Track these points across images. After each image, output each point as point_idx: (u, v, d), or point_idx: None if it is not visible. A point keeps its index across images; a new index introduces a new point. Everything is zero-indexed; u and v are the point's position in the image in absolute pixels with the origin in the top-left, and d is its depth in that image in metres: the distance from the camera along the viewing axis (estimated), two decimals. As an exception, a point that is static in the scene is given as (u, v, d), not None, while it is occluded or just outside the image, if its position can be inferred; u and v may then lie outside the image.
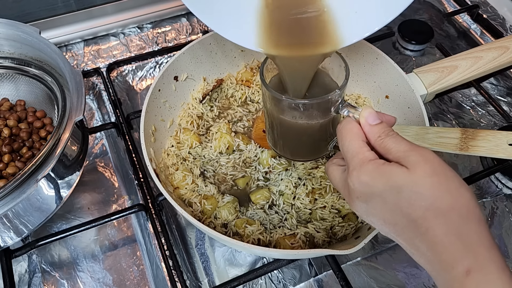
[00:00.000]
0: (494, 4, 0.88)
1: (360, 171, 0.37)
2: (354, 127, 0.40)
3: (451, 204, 0.34)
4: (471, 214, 0.34)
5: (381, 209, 0.37)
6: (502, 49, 0.62)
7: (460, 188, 0.35)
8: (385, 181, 0.36)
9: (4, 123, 0.60)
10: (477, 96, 0.75)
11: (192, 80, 0.66)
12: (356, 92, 0.68)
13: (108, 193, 0.64)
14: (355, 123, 0.41)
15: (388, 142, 0.38)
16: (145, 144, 0.54)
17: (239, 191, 0.59)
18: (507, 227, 0.61)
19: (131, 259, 0.59)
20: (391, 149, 0.38)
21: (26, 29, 0.58)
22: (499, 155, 0.50)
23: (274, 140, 0.54)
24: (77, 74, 0.54)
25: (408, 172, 0.35)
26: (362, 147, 0.39)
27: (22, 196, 0.46)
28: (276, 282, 0.56)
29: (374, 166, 0.37)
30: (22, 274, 0.57)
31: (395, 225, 0.37)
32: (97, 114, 0.73)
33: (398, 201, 0.35)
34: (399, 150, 0.37)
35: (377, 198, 0.37)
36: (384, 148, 0.38)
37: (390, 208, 0.36)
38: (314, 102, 0.46)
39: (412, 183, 0.35)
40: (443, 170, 0.35)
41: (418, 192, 0.34)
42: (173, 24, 0.85)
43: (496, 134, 0.51)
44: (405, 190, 0.35)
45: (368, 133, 0.40)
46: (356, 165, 0.38)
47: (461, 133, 0.53)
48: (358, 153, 0.38)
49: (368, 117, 0.40)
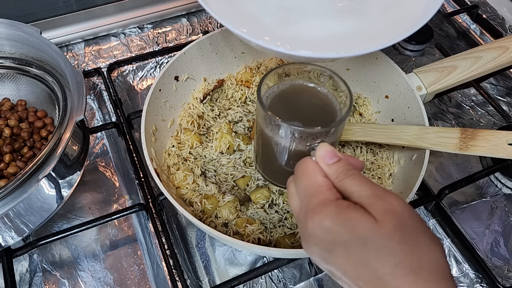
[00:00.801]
0: (494, 4, 0.88)
1: (322, 213, 0.33)
2: (310, 164, 0.37)
3: (422, 262, 0.31)
4: (441, 273, 0.32)
5: (343, 260, 0.33)
6: (502, 49, 0.62)
7: (431, 245, 0.32)
8: (350, 230, 0.32)
9: (5, 123, 0.60)
10: (476, 96, 0.76)
11: (192, 80, 0.66)
12: (356, 92, 0.68)
13: (109, 193, 0.64)
14: (313, 160, 0.37)
15: (348, 184, 0.35)
16: (146, 144, 0.54)
17: (240, 191, 0.59)
18: (507, 226, 0.61)
19: (131, 258, 0.59)
20: (353, 193, 0.34)
21: (27, 29, 0.58)
22: (498, 154, 0.51)
23: (261, 161, 0.51)
24: (78, 74, 0.55)
25: (376, 224, 0.32)
26: (322, 185, 0.35)
27: (23, 196, 0.47)
28: (276, 282, 0.57)
29: (338, 209, 0.33)
30: (23, 273, 0.57)
31: (357, 278, 0.33)
32: (98, 114, 0.73)
33: (365, 255, 0.32)
34: (362, 195, 0.34)
35: (340, 248, 0.33)
36: (345, 191, 0.35)
37: (354, 261, 0.33)
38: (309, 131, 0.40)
39: (380, 236, 0.32)
40: (413, 223, 0.33)
41: (386, 247, 0.31)
42: (173, 24, 0.85)
43: (496, 133, 0.51)
44: (372, 244, 0.32)
45: (326, 173, 0.36)
46: (316, 207, 0.34)
47: (461, 133, 0.53)
48: (318, 193, 0.34)
49: (324, 155, 0.36)
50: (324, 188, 0.35)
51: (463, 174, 0.66)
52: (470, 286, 0.57)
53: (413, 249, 0.32)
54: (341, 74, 0.68)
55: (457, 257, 0.59)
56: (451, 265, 0.58)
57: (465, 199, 0.64)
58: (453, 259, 0.59)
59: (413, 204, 0.60)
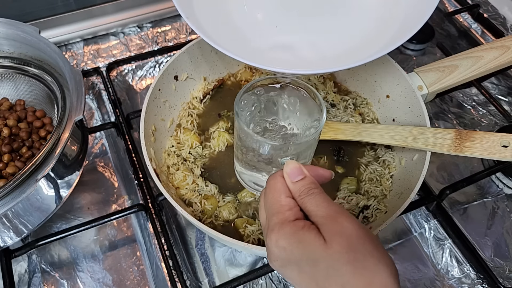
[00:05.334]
0: (495, 3, 0.88)
1: (279, 233, 0.35)
2: (278, 182, 0.38)
3: (368, 283, 0.32)
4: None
5: (297, 277, 0.35)
6: (503, 49, 0.62)
7: (378, 265, 0.33)
8: (301, 250, 0.34)
9: (4, 123, 0.60)
10: (478, 95, 0.75)
11: (192, 79, 0.66)
12: (357, 91, 0.68)
13: (108, 193, 0.64)
14: (282, 177, 0.38)
15: (307, 204, 0.36)
16: (145, 144, 0.54)
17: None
18: (508, 227, 0.61)
19: (131, 259, 0.58)
20: (311, 212, 0.36)
21: (26, 28, 0.58)
22: (492, 156, 0.51)
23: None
24: (76, 74, 0.54)
25: (325, 246, 0.33)
26: (284, 205, 0.36)
27: (21, 196, 0.46)
28: (276, 282, 0.56)
29: (293, 230, 0.35)
30: (21, 274, 0.57)
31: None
32: (97, 113, 0.73)
33: (314, 274, 0.34)
34: (317, 214, 0.35)
35: (294, 266, 0.35)
36: (305, 209, 0.36)
37: (306, 278, 0.34)
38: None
39: (328, 257, 0.33)
40: (361, 244, 0.34)
41: (334, 268, 0.33)
42: (173, 23, 0.85)
43: (490, 135, 0.51)
44: (321, 263, 0.33)
45: (291, 190, 0.37)
46: (274, 225, 0.35)
47: (455, 134, 0.53)
48: (279, 212, 0.36)
49: (290, 173, 0.38)
50: (286, 208, 0.36)
51: (464, 174, 0.66)
52: (471, 286, 0.56)
53: (360, 269, 0.33)
54: (342, 72, 0.68)
55: (458, 258, 0.59)
56: (452, 265, 0.58)
57: (466, 199, 0.64)
58: (454, 260, 0.58)
59: (414, 205, 0.60)
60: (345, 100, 0.66)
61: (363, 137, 0.59)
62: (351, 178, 0.59)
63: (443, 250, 0.59)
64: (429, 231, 0.61)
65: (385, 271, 0.33)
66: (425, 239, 0.60)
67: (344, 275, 0.33)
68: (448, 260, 0.59)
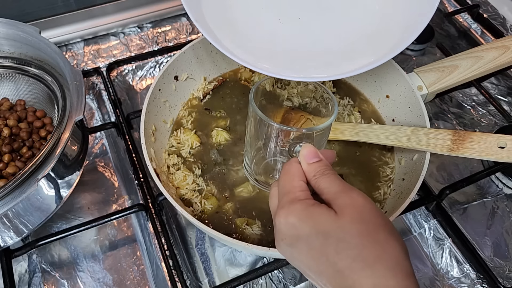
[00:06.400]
0: (495, 3, 0.88)
1: (288, 210, 0.35)
2: (292, 167, 0.39)
3: (378, 255, 0.32)
4: (399, 267, 0.32)
5: (306, 255, 0.34)
6: (503, 49, 0.62)
7: (389, 238, 0.33)
8: (312, 224, 0.34)
9: (4, 123, 0.60)
10: (477, 95, 0.75)
11: (192, 79, 0.66)
12: (356, 91, 0.68)
13: (108, 193, 0.64)
14: (296, 163, 0.39)
15: (321, 182, 0.37)
16: (145, 144, 0.54)
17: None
18: (508, 227, 0.61)
19: (131, 259, 0.59)
20: (324, 190, 0.36)
21: (26, 28, 0.58)
22: (489, 157, 0.51)
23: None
24: (77, 74, 0.54)
25: (335, 216, 0.33)
26: (296, 186, 0.37)
27: (22, 196, 0.46)
28: (276, 282, 0.56)
29: (303, 206, 0.35)
30: (22, 274, 0.57)
31: (320, 274, 0.34)
32: (97, 113, 0.73)
33: (325, 248, 0.33)
34: (330, 191, 0.36)
35: (303, 242, 0.34)
36: (318, 188, 0.37)
37: (316, 255, 0.34)
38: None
39: (338, 229, 0.33)
40: (372, 217, 0.33)
41: (345, 240, 0.32)
42: (173, 23, 0.85)
43: (487, 136, 0.52)
44: (332, 236, 0.33)
45: (305, 172, 0.38)
46: (285, 203, 0.36)
47: (452, 134, 0.53)
48: (290, 192, 0.37)
49: (306, 155, 0.39)
50: (297, 189, 0.37)
51: (464, 174, 0.66)
52: (471, 286, 0.56)
53: (371, 242, 0.32)
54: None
55: (458, 258, 0.59)
56: (452, 265, 0.58)
57: (466, 199, 0.64)
58: (454, 260, 0.59)
59: (414, 204, 0.60)
60: (344, 99, 0.66)
61: (360, 137, 0.59)
62: (351, 178, 0.59)
63: (442, 250, 0.59)
64: (429, 231, 0.61)
65: (397, 247, 0.33)
66: (424, 239, 0.60)
67: (355, 247, 0.32)
68: (448, 260, 0.59)
